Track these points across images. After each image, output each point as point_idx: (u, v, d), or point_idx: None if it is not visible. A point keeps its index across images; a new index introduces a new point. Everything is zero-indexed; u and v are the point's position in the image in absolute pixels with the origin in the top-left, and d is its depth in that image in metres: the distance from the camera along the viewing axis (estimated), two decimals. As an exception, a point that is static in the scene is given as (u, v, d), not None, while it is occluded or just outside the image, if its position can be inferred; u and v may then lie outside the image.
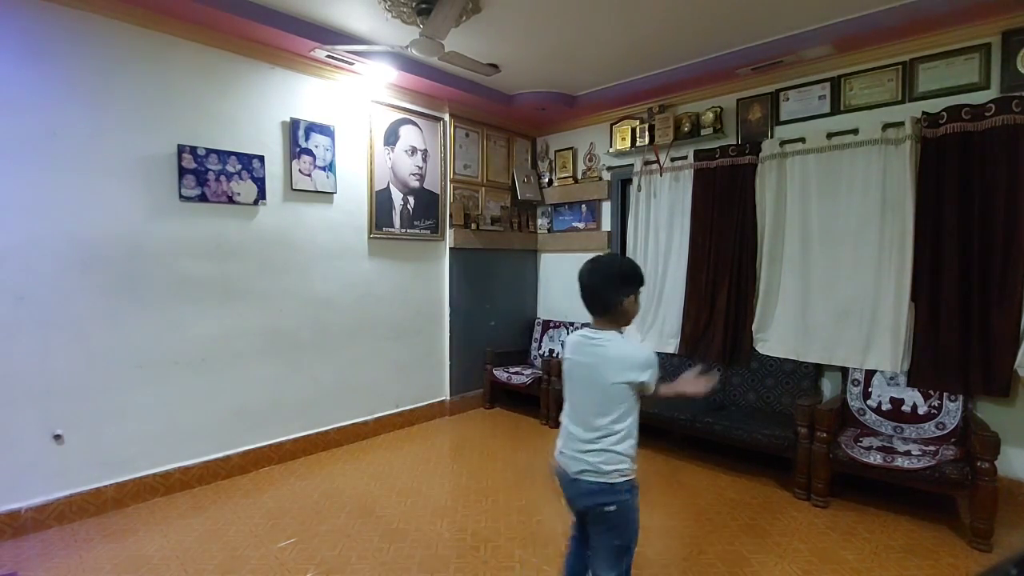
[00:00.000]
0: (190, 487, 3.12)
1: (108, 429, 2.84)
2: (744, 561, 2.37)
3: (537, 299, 5.43)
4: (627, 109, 4.55)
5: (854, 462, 2.79)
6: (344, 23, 3.26)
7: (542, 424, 4.38)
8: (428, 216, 4.43)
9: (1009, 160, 2.81)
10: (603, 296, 1.65)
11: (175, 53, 3.02)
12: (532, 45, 3.57)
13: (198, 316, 3.15)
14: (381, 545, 2.50)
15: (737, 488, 3.16)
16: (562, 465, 1.63)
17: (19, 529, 2.57)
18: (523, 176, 5.17)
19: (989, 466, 2.43)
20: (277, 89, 3.45)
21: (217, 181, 3.17)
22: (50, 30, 2.62)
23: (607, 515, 1.56)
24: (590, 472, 1.56)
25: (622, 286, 1.64)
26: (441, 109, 4.48)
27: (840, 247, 3.36)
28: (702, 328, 3.97)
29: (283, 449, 3.54)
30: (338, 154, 3.76)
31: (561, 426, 1.69)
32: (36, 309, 2.61)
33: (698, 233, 4.01)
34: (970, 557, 2.42)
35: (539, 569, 2.31)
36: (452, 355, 4.62)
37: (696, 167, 4.01)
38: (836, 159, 3.35)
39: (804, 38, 3.29)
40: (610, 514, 1.55)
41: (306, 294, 3.65)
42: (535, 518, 2.77)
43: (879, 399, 3.19)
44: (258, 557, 2.40)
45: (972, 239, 2.93)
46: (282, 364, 3.54)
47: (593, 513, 1.59)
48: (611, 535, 1.58)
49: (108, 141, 2.81)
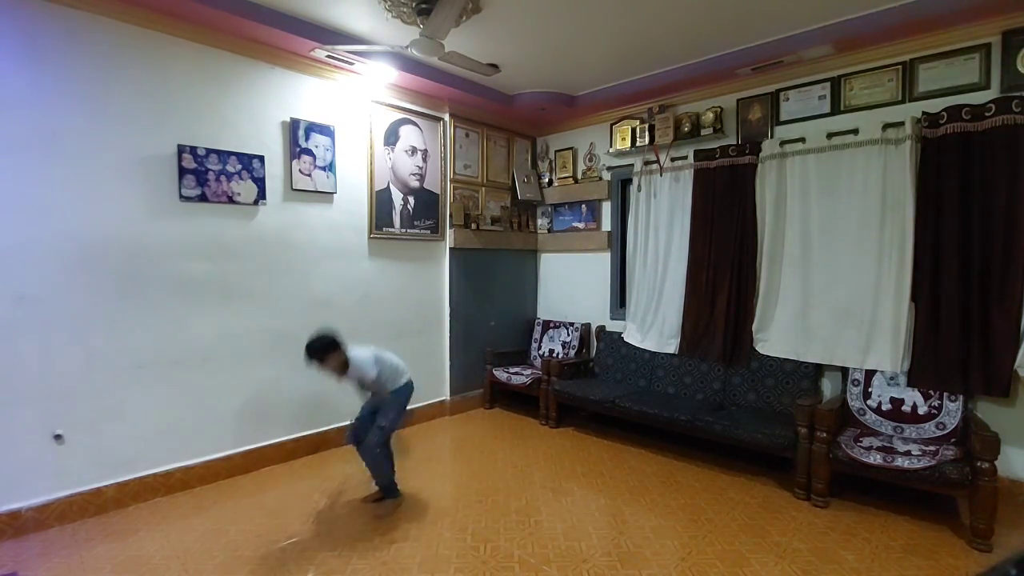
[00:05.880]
0: (191, 487, 3.12)
1: (108, 429, 2.84)
2: (744, 561, 2.37)
3: (537, 299, 5.44)
4: (627, 109, 4.55)
5: (854, 462, 2.79)
6: (344, 23, 3.26)
7: (542, 424, 4.38)
8: (428, 216, 4.43)
9: (1009, 160, 2.81)
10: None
11: (175, 53, 3.02)
12: (532, 45, 3.57)
13: (198, 316, 3.15)
14: (381, 545, 2.50)
15: (737, 488, 3.16)
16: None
17: (20, 529, 2.58)
18: (523, 176, 5.17)
19: (989, 466, 2.44)
20: (277, 89, 3.45)
21: (217, 181, 3.17)
22: (50, 30, 2.62)
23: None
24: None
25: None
26: (441, 109, 4.48)
27: (840, 247, 3.36)
28: (702, 328, 3.97)
29: (284, 448, 3.54)
30: (338, 154, 3.77)
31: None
32: (36, 309, 2.62)
33: (698, 233, 4.01)
34: (970, 557, 2.42)
35: (539, 569, 2.31)
36: (452, 355, 4.62)
37: (696, 167, 4.01)
38: (836, 159, 3.35)
39: (804, 38, 3.29)
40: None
41: (306, 294, 3.65)
42: (535, 518, 2.78)
43: (879, 399, 3.19)
44: (259, 557, 2.40)
45: (972, 239, 2.93)
46: (282, 364, 3.54)
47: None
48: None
49: (108, 141, 2.81)
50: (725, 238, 3.85)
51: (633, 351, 4.39)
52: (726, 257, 3.84)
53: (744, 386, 3.75)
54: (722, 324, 3.83)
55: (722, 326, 3.83)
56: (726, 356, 3.83)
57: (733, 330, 3.81)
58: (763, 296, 3.69)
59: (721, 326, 3.84)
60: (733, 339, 3.82)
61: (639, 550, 2.47)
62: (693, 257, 4.04)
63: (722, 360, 3.84)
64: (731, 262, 3.82)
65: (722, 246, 3.87)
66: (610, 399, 3.93)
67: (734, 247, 3.80)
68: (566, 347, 4.88)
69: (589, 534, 2.62)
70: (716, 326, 3.88)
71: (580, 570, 2.30)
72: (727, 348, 3.82)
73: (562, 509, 2.89)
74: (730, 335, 3.82)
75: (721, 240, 3.88)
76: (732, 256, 3.81)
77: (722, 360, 3.84)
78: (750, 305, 3.76)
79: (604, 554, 2.44)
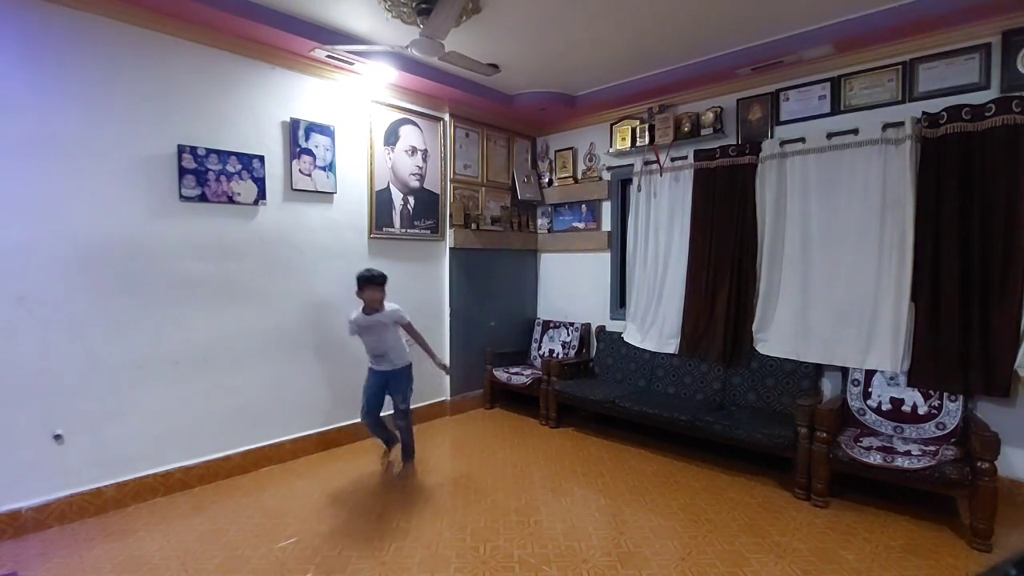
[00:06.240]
0: (190, 487, 3.12)
1: (108, 429, 2.84)
2: (744, 561, 2.37)
3: (537, 299, 5.43)
4: (627, 109, 4.55)
5: (854, 462, 2.79)
6: (344, 23, 3.26)
7: (542, 424, 4.38)
8: (428, 216, 4.43)
9: (1009, 160, 2.81)
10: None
11: (175, 53, 3.02)
12: (532, 45, 3.57)
13: (198, 316, 3.15)
14: (381, 545, 2.50)
15: (737, 488, 3.16)
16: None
17: (19, 529, 2.58)
18: (523, 176, 5.17)
19: (989, 466, 2.43)
20: (277, 89, 3.45)
21: (217, 181, 3.17)
22: (50, 30, 2.62)
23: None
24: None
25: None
26: (441, 109, 4.48)
27: (840, 247, 3.36)
28: (702, 328, 3.97)
29: (284, 449, 3.54)
30: (338, 154, 3.77)
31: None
32: (36, 309, 2.61)
33: (698, 233, 4.01)
34: (970, 557, 2.42)
35: (539, 569, 2.31)
36: (452, 355, 4.62)
37: (696, 167, 4.01)
38: (836, 159, 3.35)
39: (804, 38, 3.29)
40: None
41: (306, 294, 3.65)
42: (534, 518, 2.78)
43: (879, 399, 3.19)
44: (258, 557, 2.40)
45: (972, 239, 2.93)
46: (283, 364, 3.54)
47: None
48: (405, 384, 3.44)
49: (108, 141, 2.81)
50: (725, 238, 3.85)
51: (633, 351, 4.39)
52: (726, 257, 3.84)
53: (744, 386, 3.75)
54: (722, 324, 3.83)
55: (722, 326, 3.83)
56: (726, 356, 3.83)
57: (733, 330, 3.81)
58: (763, 296, 3.69)
59: (721, 326, 3.84)
60: (733, 339, 3.82)
61: (639, 550, 2.47)
62: (693, 257, 4.04)
63: (722, 360, 3.84)
64: (731, 262, 3.82)
65: (722, 246, 3.87)
66: (610, 399, 3.93)
67: (734, 247, 3.80)
68: (566, 347, 4.88)
69: (589, 534, 2.62)
70: (716, 326, 3.88)
71: (580, 570, 2.30)
72: (727, 348, 3.82)
73: (562, 509, 2.89)
74: (730, 335, 3.82)
75: (721, 240, 3.88)
76: (732, 256, 3.81)
77: (722, 360, 3.84)
78: (750, 305, 3.76)
79: (604, 554, 2.44)
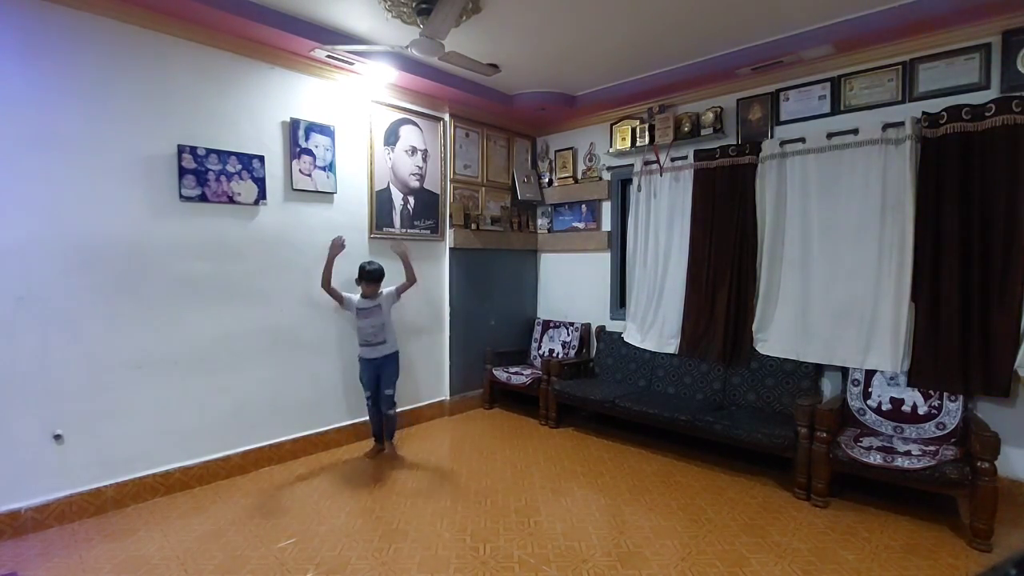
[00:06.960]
0: (190, 487, 3.12)
1: (108, 429, 2.84)
2: (744, 561, 2.37)
3: (537, 299, 5.43)
4: (627, 109, 4.55)
5: (854, 462, 2.79)
6: (344, 23, 3.26)
7: (542, 424, 4.38)
8: (428, 216, 4.43)
9: (1009, 160, 2.81)
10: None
11: (175, 53, 3.02)
12: (532, 45, 3.57)
13: (198, 316, 3.15)
14: (381, 545, 2.50)
15: (737, 488, 3.16)
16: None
17: (19, 529, 2.57)
18: (523, 176, 5.17)
19: (989, 466, 2.43)
20: (277, 89, 3.45)
21: (217, 181, 3.17)
22: (50, 30, 2.62)
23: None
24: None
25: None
26: (441, 109, 4.48)
27: (840, 247, 3.36)
28: (702, 328, 3.97)
29: (283, 449, 3.54)
30: (338, 154, 3.77)
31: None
32: (36, 309, 2.61)
33: (698, 233, 4.00)
34: (970, 557, 2.42)
35: (538, 569, 2.31)
36: (452, 355, 4.62)
37: (696, 167, 4.01)
38: (836, 159, 3.35)
39: (804, 38, 3.29)
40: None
41: (306, 294, 3.65)
42: (534, 518, 2.78)
43: (879, 399, 3.19)
44: (258, 557, 2.40)
45: (972, 239, 2.93)
46: (282, 364, 3.54)
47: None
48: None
49: (108, 141, 2.81)
50: (725, 238, 3.85)
51: (633, 351, 4.39)
52: (726, 257, 3.84)
53: (744, 386, 3.75)
54: (722, 324, 3.83)
55: (722, 326, 3.83)
56: (726, 356, 3.83)
57: (733, 330, 3.81)
58: (763, 296, 3.69)
59: (721, 326, 3.84)
60: (733, 339, 3.82)
61: (639, 550, 2.47)
62: (693, 257, 4.04)
63: (722, 360, 3.84)
64: (731, 262, 3.81)
65: (722, 246, 3.87)
66: (610, 399, 3.93)
67: (734, 247, 3.80)
68: (566, 347, 4.88)
69: (589, 534, 2.62)
70: (716, 326, 3.88)
71: (580, 570, 2.30)
72: (727, 348, 3.82)
73: (562, 509, 2.89)
74: (730, 335, 3.82)
75: (721, 240, 3.88)
76: (732, 256, 3.81)
77: (722, 360, 3.84)
78: (750, 305, 3.76)
79: (604, 554, 2.43)
